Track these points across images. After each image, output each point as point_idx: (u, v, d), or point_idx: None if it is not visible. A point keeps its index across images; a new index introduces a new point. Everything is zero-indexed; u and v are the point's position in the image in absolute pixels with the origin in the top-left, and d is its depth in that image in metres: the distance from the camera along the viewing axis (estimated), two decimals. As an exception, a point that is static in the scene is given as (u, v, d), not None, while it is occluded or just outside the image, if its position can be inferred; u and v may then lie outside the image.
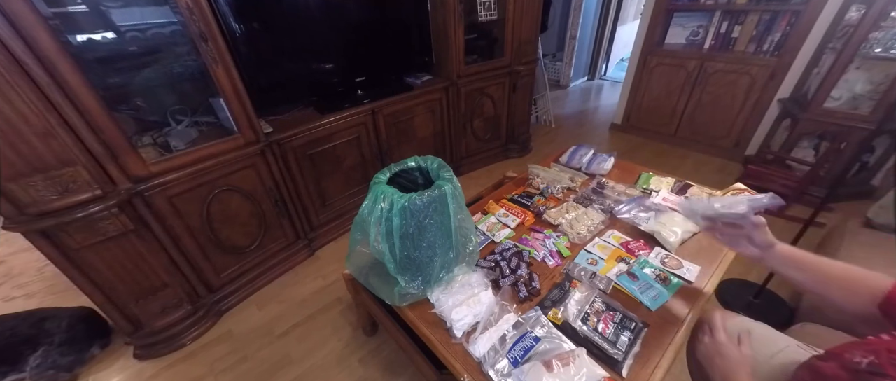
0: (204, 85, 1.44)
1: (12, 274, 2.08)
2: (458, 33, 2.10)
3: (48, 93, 1.01)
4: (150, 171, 1.30)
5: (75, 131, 1.09)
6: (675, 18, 2.70)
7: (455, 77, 2.24)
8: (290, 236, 1.88)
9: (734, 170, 2.56)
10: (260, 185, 1.64)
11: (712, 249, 1.09)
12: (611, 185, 1.42)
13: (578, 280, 1.02)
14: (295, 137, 1.70)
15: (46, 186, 1.07)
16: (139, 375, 1.47)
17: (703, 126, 2.74)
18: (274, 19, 1.60)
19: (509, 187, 1.53)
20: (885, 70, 1.84)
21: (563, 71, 4.58)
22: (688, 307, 0.92)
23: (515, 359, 0.82)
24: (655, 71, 2.81)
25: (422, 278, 0.96)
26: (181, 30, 1.26)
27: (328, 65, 1.90)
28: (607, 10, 4.24)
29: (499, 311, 0.92)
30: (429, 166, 1.02)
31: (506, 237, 1.22)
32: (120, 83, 1.35)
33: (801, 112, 2.08)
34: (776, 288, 1.55)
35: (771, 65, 2.29)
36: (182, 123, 1.52)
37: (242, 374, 1.44)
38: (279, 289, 1.82)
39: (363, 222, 0.92)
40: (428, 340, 0.94)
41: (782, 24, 2.22)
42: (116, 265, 1.30)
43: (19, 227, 1.08)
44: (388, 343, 1.51)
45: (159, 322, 1.49)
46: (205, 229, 1.52)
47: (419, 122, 2.25)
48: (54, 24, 1.06)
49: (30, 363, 1.36)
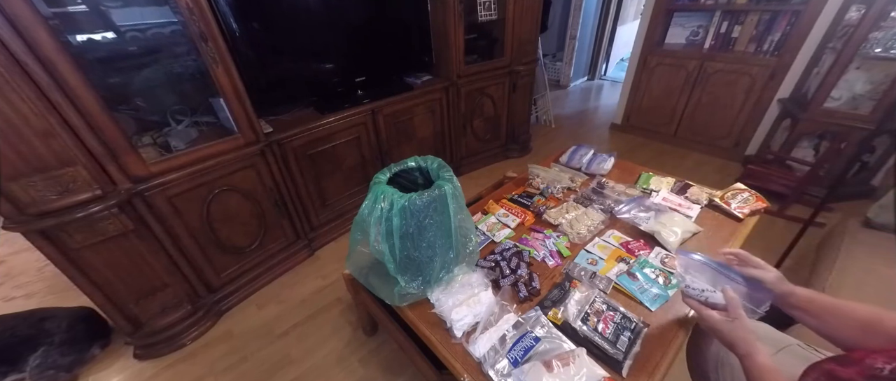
0: (204, 85, 1.44)
1: (12, 274, 2.08)
2: (458, 33, 2.10)
3: (48, 93, 1.01)
4: (150, 171, 1.29)
5: (75, 131, 1.09)
6: (675, 18, 2.70)
7: (455, 77, 2.24)
8: (290, 236, 1.88)
9: (734, 170, 2.56)
10: (260, 185, 1.64)
11: (712, 249, 1.09)
12: (611, 185, 1.42)
13: (578, 280, 1.02)
14: (295, 137, 1.70)
15: (46, 186, 1.07)
16: (139, 375, 1.47)
17: (703, 126, 2.74)
18: (274, 19, 1.60)
19: (509, 187, 1.53)
20: (885, 70, 1.84)
21: (563, 71, 4.58)
22: (688, 307, 0.92)
23: (515, 359, 0.82)
24: (655, 71, 2.81)
25: (422, 278, 0.96)
26: (181, 30, 1.26)
27: (328, 65, 1.90)
28: (607, 10, 4.24)
29: (499, 311, 0.92)
30: (429, 166, 1.02)
31: (506, 237, 1.22)
32: (120, 83, 1.35)
33: (801, 112, 2.08)
34: (776, 288, 1.55)
35: (771, 65, 2.29)
36: (182, 123, 1.52)
37: (242, 374, 1.44)
38: (279, 289, 1.82)
39: (363, 222, 0.92)
40: (428, 340, 0.94)
41: (782, 24, 2.22)
42: (116, 265, 1.30)
43: (19, 227, 1.08)
44: (388, 343, 1.51)
45: (159, 322, 1.49)
46: (205, 228, 1.52)
47: (419, 122, 2.25)
48: (54, 24, 1.06)
49: (30, 363, 1.36)
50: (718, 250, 0.81)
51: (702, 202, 1.27)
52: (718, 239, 1.13)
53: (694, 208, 1.23)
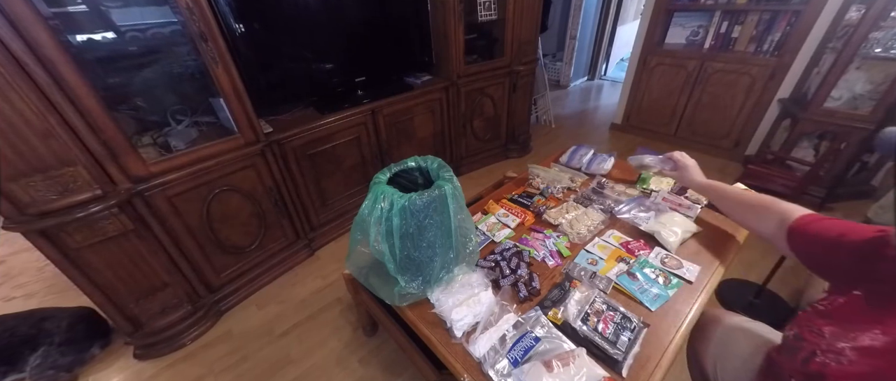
0: (204, 85, 1.44)
1: (12, 274, 2.08)
2: (458, 33, 2.10)
3: (48, 93, 1.01)
4: (150, 171, 1.30)
5: (75, 131, 1.09)
6: (675, 18, 2.70)
7: (455, 77, 2.24)
8: (290, 235, 1.88)
9: (734, 170, 2.56)
10: (260, 185, 1.64)
11: (712, 249, 1.09)
12: (611, 185, 1.42)
13: (578, 280, 1.01)
14: (295, 137, 1.70)
15: (46, 186, 1.07)
16: (139, 375, 1.47)
17: (703, 126, 2.74)
18: (274, 19, 1.60)
19: (509, 187, 1.53)
20: (885, 70, 1.84)
21: (563, 71, 4.58)
22: (688, 307, 0.92)
23: (515, 359, 0.81)
24: (655, 71, 2.81)
25: (422, 278, 0.96)
26: (181, 30, 1.26)
27: (328, 65, 1.90)
28: (607, 10, 4.24)
29: (499, 311, 0.92)
30: (429, 166, 1.02)
31: (506, 237, 1.22)
32: (120, 83, 1.35)
33: (801, 112, 2.08)
34: (776, 288, 1.55)
35: (771, 65, 2.29)
36: (182, 123, 1.52)
37: (242, 374, 1.44)
38: (279, 289, 1.82)
39: (363, 222, 0.92)
40: (428, 340, 0.94)
41: (782, 24, 2.22)
42: (116, 265, 1.30)
43: (19, 227, 1.08)
44: (388, 343, 1.51)
45: (159, 322, 1.49)
46: (205, 228, 1.52)
47: (419, 122, 2.25)
48: (54, 24, 1.06)
49: (30, 363, 1.36)
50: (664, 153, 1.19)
51: (702, 202, 1.27)
52: (718, 239, 1.13)
53: (694, 207, 1.23)
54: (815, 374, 0.56)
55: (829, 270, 0.68)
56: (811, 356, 0.58)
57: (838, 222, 0.67)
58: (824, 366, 0.55)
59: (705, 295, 0.95)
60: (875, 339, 0.51)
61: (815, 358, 0.57)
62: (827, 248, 0.66)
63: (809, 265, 0.71)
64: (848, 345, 0.54)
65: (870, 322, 0.53)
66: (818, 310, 0.63)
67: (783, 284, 1.56)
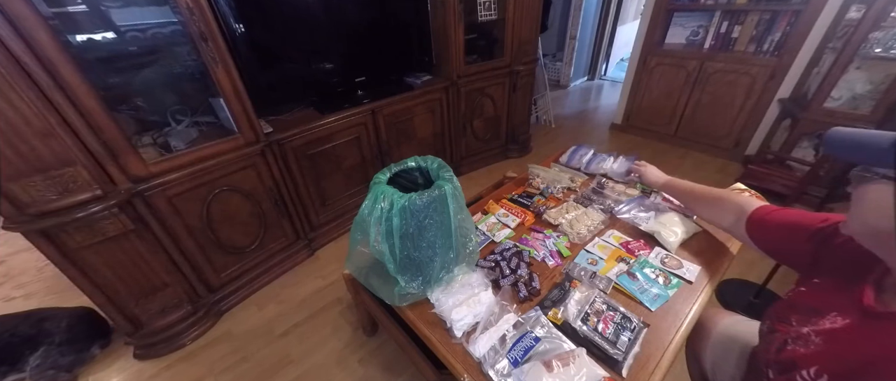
0: (204, 85, 1.44)
1: (12, 274, 2.08)
2: (458, 33, 2.10)
3: (48, 93, 1.01)
4: (150, 171, 1.29)
5: (75, 131, 1.09)
6: (675, 18, 2.69)
7: (455, 77, 2.24)
8: (290, 236, 1.88)
9: (734, 170, 2.56)
10: (260, 185, 1.64)
11: (712, 249, 1.09)
12: (611, 185, 1.42)
13: (578, 280, 1.01)
14: (295, 137, 1.70)
15: (46, 186, 1.07)
16: (139, 375, 1.47)
17: (703, 126, 2.74)
18: (274, 19, 1.60)
19: (509, 187, 1.53)
20: (885, 70, 1.84)
21: (563, 71, 4.58)
22: (688, 307, 0.92)
23: (515, 359, 0.81)
24: (655, 71, 2.81)
25: (422, 278, 0.96)
26: (181, 30, 1.26)
27: (328, 65, 1.90)
28: (607, 10, 4.24)
29: (499, 311, 0.92)
30: (429, 166, 1.02)
31: (506, 237, 1.22)
32: (120, 83, 1.35)
33: (801, 112, 2.08)
34: (776, 288, 1.55)
35: (771, 65, 2.29)
36: (182, 123, 1.52)
37: (242, 374, 1.44)
38: (279, 289, 1.82)
39: (363, 222, 0.92)
40: (428, 340, 0.94)
41: (782, 24, 2.22)
42: (116, 265, 1.30)
43: (19, 227, 1.08)
44: (388, 343, 1.51)
45: (159, 322, 1.49)
46: (205, 228, 1.52)
47: (419, 122, 2.25)
48: (54, 24, 1.06)
49: (30, 363, 1.36)
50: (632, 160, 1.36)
51: (702, 202, 1.27)
52: (718, 239, 1.13)
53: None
54: (787, 361, 0.58)
55: (788, 256, 0.74)
56: (783, 345, 0.61)
57: (794, 211, 0.74)
58: (794, 352, 0.58)
59: (705, 295, 0.95)
60: (834, 322, 0.55)
61: (786, 347, 0.60)
62: (785, 236, 0.72)
63: (770, 253, 0.78)
64: (812, 329, 0.57)
65: (828, 307, 0.57)
66: (786, 301, 0.67)
67: (783, 284, 1.55)
